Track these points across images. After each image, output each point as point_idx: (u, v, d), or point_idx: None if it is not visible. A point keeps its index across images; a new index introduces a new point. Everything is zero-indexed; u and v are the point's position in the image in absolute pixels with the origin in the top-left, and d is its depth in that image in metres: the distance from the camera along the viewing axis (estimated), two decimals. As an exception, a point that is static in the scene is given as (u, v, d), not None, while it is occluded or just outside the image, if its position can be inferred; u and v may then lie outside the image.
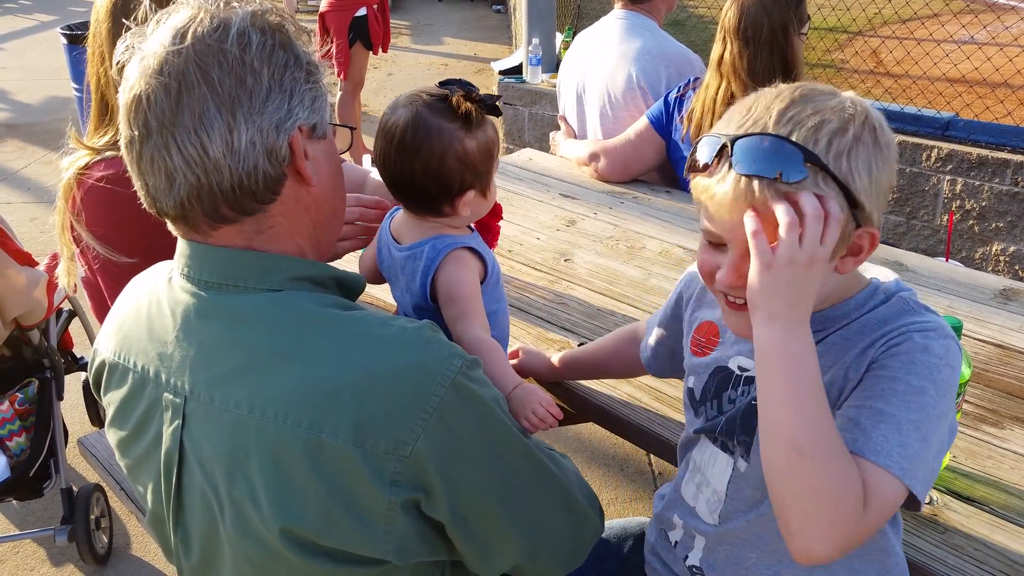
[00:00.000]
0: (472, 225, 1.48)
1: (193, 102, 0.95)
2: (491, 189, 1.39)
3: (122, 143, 1.00)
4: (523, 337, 1.78)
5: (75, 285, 1.67)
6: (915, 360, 0.95)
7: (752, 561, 1.14)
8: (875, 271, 1.09)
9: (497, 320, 1.45)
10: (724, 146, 0.92)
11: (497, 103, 1.33)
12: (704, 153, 0.94)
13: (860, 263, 0.99)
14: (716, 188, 0.93)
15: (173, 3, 1.01)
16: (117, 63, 1.00)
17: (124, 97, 0.98)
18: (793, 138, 0.90)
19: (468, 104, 1.29)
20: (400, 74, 8.02)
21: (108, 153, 1.60)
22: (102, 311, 1.74)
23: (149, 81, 0.95)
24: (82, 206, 1.56)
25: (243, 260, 1.01)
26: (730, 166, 0.91)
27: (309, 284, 1.04)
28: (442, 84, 1.33)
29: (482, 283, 1.40)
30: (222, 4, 1.00)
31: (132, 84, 0.97)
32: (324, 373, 0.95)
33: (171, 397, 1.03)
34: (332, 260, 1.53)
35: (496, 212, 1.59)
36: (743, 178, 0.90)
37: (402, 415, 0.93)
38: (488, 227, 1.61)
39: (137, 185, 1.02)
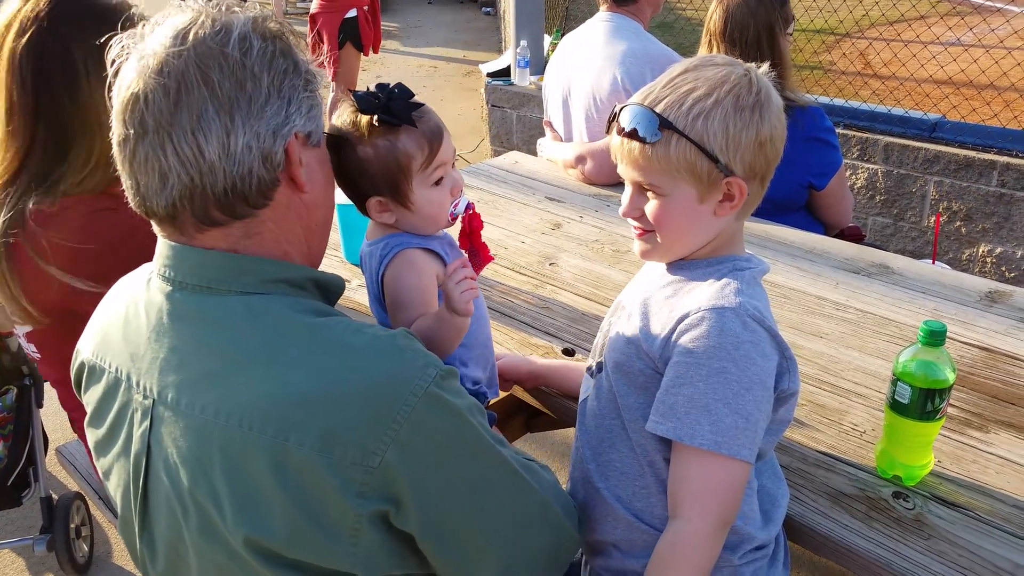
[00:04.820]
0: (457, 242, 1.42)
1: (192, 103, 0.95)
2: (413, 201, 1.29)
3: (114, 141, 1.00)
4: (506, 342, 1.76)
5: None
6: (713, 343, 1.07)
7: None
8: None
9: (469, 330, 1.37)
10: (614, 112, 1.15)
11: (393, 110, 1.21)
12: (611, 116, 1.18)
13: (736, 208, 1.13)
14: (613, 143, 1.16)
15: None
16: (112, 62, 1.00)
17: (120, 96, 0.98)
18: (661, 105, 1.09)
19: (356, 115, 1.24)
20: (389, 76, 8.01)
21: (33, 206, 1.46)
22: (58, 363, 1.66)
23: (148, 81, 0.95)
24: (50, 239, 1.45)
25: (221, 262, 1.00)
26: (618, 128, 1.13)
27: (286, 287, 1.03)
28: (377, 87, 1.26)
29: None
30: (223, 8, 1.00)
31: (129, 83, 0.97)
32: (293, 381, 0.93)
33: (141, 399, 1.02)
34: None
35: (481, 248, 1.48)
36: (622, 138, 1.13)
37: (372, 425, 0.91)
38: (474, 254, 1.49)
39: (127, 185, 1.01)
